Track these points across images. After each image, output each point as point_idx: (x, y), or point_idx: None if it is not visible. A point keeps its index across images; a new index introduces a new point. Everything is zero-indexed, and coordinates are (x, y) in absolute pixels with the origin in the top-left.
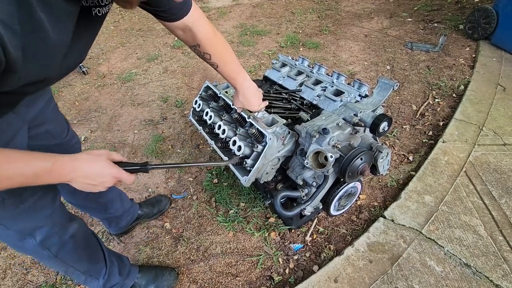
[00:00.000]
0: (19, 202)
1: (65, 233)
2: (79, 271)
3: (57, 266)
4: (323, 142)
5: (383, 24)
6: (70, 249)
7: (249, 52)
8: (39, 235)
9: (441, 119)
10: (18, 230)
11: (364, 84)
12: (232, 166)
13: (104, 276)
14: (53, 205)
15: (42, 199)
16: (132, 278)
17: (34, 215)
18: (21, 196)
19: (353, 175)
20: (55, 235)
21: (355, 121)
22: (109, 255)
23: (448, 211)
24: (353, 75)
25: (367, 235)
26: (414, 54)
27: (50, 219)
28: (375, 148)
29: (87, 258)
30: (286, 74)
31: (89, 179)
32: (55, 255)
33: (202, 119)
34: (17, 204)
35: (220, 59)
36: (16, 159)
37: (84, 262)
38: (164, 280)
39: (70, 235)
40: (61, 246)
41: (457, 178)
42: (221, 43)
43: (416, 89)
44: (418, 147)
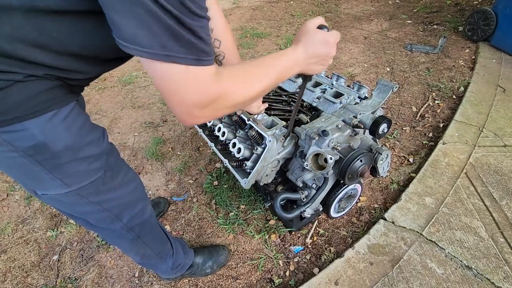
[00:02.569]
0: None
1: (145, 211)
2: (153, 253)
3: (137, 249)
4: (322, 144)
5: (383, 26)
6: (148, 229)
7: (249, 54)
8: (125, 216)
9: (441, 121)
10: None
11: (364, 86)
12: (232, 169)
13: (172, 256)
14: (136, 178)
15: (129, 173)
16: (191, 257)
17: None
18: (113, 169)
19: (353, 177)
20: (138, 215)
21: (354, 123)
22: (169, 235)
23: (449, 213)
24: (353, 77)
25: (367, 237)
26: (413, 56)
27: (134, 195)
28: (375, 150)
29: (159, 237)
30: None
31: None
32: (138, 236)
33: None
34: (113, 177)
35: (228, 50)
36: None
37: (157, 242)
38: (220, 255)
39: (149, 214)
40: (142, 226)
41: (457, 179)
42: (231, 34)
43: (416, 91)
44: (418, 149)
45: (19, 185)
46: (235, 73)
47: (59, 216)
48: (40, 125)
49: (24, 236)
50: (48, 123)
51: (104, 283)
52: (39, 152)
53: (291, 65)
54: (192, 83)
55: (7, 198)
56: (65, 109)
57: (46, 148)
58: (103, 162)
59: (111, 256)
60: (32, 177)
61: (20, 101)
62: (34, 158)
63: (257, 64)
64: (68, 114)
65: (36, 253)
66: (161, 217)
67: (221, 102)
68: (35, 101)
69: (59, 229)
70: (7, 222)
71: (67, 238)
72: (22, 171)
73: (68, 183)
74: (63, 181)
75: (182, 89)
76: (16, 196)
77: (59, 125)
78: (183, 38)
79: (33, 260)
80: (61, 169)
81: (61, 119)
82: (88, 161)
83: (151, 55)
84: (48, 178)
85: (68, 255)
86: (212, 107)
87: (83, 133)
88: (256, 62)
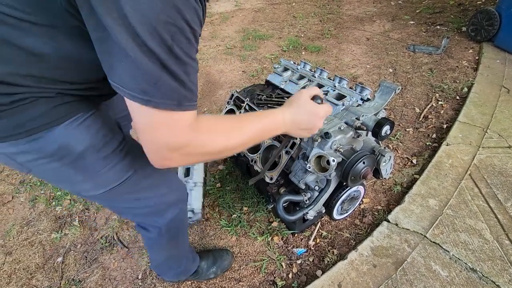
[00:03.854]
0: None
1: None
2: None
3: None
4: (325, 146)
5: (385, 27)
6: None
7: (251, 56)
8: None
9: (445, 122)
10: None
11: (366, 88)
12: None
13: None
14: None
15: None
16: (197, 263)
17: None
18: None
19: (355, 179)
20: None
21: (357, 125)
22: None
23: (453, 215)
24: (356, 79)
25: (370, 239)
26: (416, 57)
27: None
28: (378, 152)
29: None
30: (288, 78)
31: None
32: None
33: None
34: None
35: None
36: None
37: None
38: (224, 260)
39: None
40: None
41: (461, 181)
42: None
43: (419, 92)
44: (422, 150)
45: (23, 187)
46: (215, 124)
47: (63, 218)
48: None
49: (29, 238)
50: (68, 127)
51: (108, 285)
52: (65, 154)
53: (275, 127)
54: (167, 125)
55: (12, 201)
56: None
57: (69, 150)
58: (130, 163)
59: (114, 258)
60: (68, 180)
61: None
62: (62, 161)
63: (241, 119)
64: (87, 118)
65: (40, 255)
66: None
67: (192, 149)
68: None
69: (64, 231)
70: (12, 224)
71: (71, 240)
72: (58, 176)
73: (100, 184)
74: (95, 182)
75: (156, 129)
76: (21, 199)
77: (77, 128)
78: (166, 84)
79: (37, 262)
80: (90, 170)
81: (79, 122)
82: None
83: (132, 97)
84: (81, 180)
85: (72, 257)
86: (182, 152)
87: (101, 133)
88: (241, 117)
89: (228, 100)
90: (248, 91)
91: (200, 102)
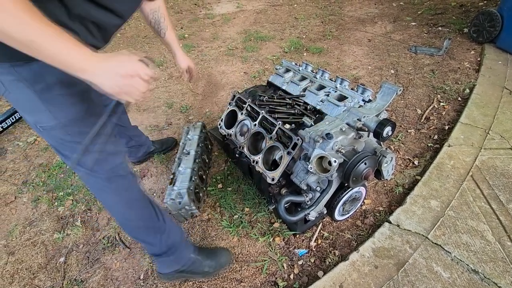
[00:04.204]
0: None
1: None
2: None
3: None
4: (326, 147)
5: (387, 29)
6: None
7: (253, 57)
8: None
9: (447, 123)
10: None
11: (368, 89)
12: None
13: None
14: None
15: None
16: (189, 249)
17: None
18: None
19: (357, 180)
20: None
21: (358, 126)
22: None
23: (455, 216)
24: (357, 80)
25: (372, 240)
26: (418, 58)
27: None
28: (379, 153)
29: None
30: (289, 79)
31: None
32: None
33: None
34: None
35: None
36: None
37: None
38: (222, 256)
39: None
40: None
41: (463, 182)
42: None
43: (420, 93)
44: (424, 151)
45: (26, 188)
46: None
47: (66, 219)
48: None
49: (32, 238)
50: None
51: (110, 285)
52: (38, 81)
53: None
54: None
55: (15, 201)
56: None
57: (42, 79)
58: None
59: (116, 259)
60: (32, 109)
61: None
62: (34, 88)
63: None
64: None
65: (43, 255)
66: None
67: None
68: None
69: (66, 231)
70: (15, 224)
71: (74, 240)
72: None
73: (56, 115)
74: (51, 112)
75: None
76: (24, 199)
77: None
78: None
79: (40, 262)
80: (52, 101)
81: None
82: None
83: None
84: (43, 109)
85: (74, 257)
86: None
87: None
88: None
89: (230, 101)
90: (250, 92)
91: (202, 104)
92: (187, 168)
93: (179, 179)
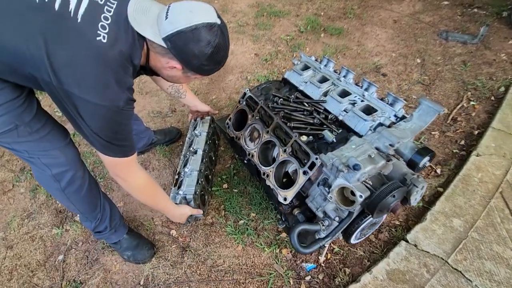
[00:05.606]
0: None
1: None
2: (78, 210)
3: (62, 201)
4: (351, 178)
5: (415, 8)
6: (76, 188)
7: (265, 36)
8: (54, 169)
9: (476, 127)
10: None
11: (399, 99)
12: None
13: (96, 221)
14: (64, 139)
15: (52, 133)
16: (118, 236)
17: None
18: (31, 126)
19: (382, 212)
20: (67, 172)
21: (390, 153)
22: (104, 206)
23: (479, 239)
24: (378, 68)
25: (386, 261)
26: (448, 46)
27: (64, 155)
28: (410, 181)
29: (87, 201)
30: (308, 79)
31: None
32: (63, 190)
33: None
34: (30, 133)
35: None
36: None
37: (84, 204)
38: (141, 254)
39: (79, 176)
40: (69, 183)
41: (491, 200)
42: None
43: (449, 89)
44: (448, 158)
45: (24, 175)
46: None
47: (64, 213)
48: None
49: (30, 232)
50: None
51: None
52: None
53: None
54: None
55: (12, 189)
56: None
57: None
58: (13, 118)
59: (116, 260)
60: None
61: None
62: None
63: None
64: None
65: (41, 252)
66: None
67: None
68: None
69: (65, 226)
70: (13, 216)
71: (73, 237)
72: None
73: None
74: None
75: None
76: (22, 189)
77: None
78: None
79: (38, 258)
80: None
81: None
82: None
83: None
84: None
85: (73, 256)
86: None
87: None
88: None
89: (240, 99)
90: (262, 89)
91: (209, 89)
92: (194, 170)
93: (185, 182)
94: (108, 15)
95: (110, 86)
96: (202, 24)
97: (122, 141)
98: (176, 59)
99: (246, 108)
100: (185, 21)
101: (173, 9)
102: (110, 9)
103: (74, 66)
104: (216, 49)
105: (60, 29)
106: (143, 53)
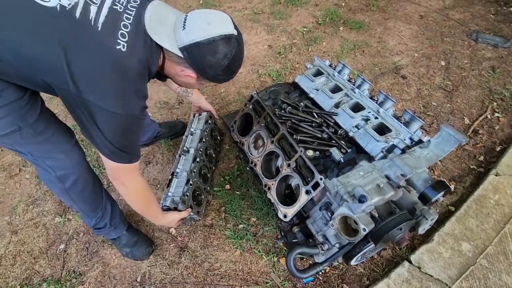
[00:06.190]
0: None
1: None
2: (80, 209)
3: (65, 200)
4: (356, 209)
5: (445, 2)
6: (79, 189)
7: (280, 27)
8: (59, 171)
9: (499, 142)
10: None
11: (417, 119)
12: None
13: (97, 219)
14: (70, 141)
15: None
16: (117, 233)
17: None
18: (35, 128)
19: (386, 244)
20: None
21: (401, 184)
22: (105, 205)
23: (488, 267)
24: (398, 69)
25: (387, 281)
26: (478, 49)
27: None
28: (420, 212)
29: (90, 201)
30: (320, 86)
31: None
32: (66, 190)
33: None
34: (34, 135)
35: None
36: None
37: (86, 204)
38: (139, 251)
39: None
40: (73, 185)
41: (506, 225)
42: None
43: (473, 97)
44: (463, 175)
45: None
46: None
47: None
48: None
49: (34, 219)
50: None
51: (107, 282)
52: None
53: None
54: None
55: (19, 174)
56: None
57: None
58: (17, 120)
59: (115, 254)
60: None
61: None
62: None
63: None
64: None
65: (44, 239)
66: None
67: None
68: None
69: (67, 216)
70: (18, 200)
71: (74, 227)
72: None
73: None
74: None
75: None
76: (27, 174)
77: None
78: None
79: (41, 246)
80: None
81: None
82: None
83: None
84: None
85: (74, 246)
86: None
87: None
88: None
89: (247, 102)
90: (271, 92)
91: None
92: (184, 171)
93: (174, 183)
94: (127, 22)
95: (128, 95)
96: (219, 37)
97: (131, 148)
98: (191, 68)
99: (252, 112)
100: (202, 32)
101: (191, 19)
102: (129, 16)
103: (94, 75)
104: (232, 61)
105: (81, 37)
106: (159, 61)
